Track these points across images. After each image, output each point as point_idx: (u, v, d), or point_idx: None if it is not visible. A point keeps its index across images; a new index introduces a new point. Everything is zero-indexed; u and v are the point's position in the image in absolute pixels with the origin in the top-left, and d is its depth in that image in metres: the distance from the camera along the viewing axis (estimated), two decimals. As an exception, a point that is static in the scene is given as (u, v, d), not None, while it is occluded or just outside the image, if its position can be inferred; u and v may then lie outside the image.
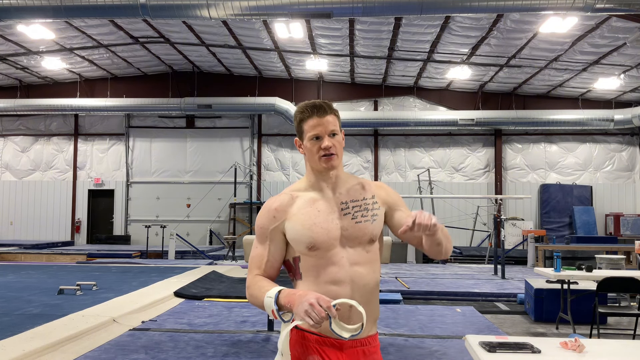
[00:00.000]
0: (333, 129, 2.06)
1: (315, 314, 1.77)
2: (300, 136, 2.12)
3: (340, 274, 2.01)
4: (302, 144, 2.11)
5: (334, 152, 2.05)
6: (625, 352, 2.83)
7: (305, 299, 1.81)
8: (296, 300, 1.84)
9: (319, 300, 1.80)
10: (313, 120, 2.06)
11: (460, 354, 5.41)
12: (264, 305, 1.95)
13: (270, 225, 2.08)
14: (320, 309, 1.78)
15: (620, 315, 7.41)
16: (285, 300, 1.89)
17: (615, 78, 15.99)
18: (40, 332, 5.74)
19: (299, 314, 1.81)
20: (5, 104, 18.50)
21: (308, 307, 1.78)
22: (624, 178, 18.81)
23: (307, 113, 2.07)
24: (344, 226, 2.05)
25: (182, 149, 19.94)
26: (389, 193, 2.21)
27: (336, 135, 2.08)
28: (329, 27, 13.87)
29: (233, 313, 7.62)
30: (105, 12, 10.31)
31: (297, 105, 2.15)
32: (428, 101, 19.14)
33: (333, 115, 2.08)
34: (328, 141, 2.05)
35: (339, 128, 2.10)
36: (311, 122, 2.06)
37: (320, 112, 2.06)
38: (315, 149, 2.06)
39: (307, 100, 2.13)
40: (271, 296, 1.92)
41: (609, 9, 9.61)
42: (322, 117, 2.05)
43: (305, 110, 2.08)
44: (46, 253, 16.12)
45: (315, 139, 2.06)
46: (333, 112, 2.09)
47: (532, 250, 14.86)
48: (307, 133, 2.07)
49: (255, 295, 2.02)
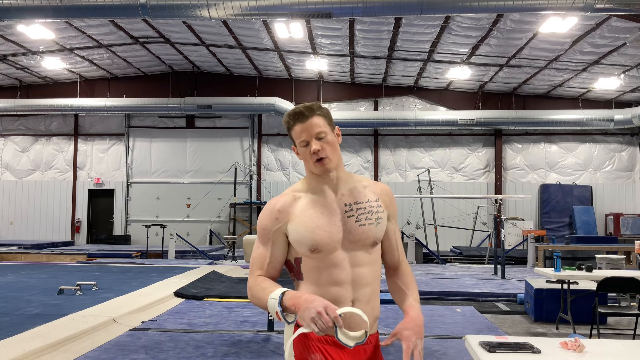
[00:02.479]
0: (319, 131, 2.03)
1: (322, 322, 1.77)
2: (294, 144, 2.12)
3: (342, 276, 2.00)
4: (298, 150, 2.11)
5: (323, 156, 2.02)
6: (625, 352, 2.82)
7: (313, 305, 1.81)
8: (302, 305, 1.84)
9: (327, 309, 1.79)
10: (297, 126, 2.04)
11: (460, 354, 5.41)
12: (268, 306, 1.94)
13: (272, 226, 2.07)
14: (328, 318, 1.78)
15: (620, 315, 7.41)
16: (290, 303, 1.88)
17: (615, 78, 15.99)
18: (40, 332, 5.74)
19: (305, 320, 1.81)
20: (5, 104, 18.51)
21: (315, 315, 1.78)
22: (624, 178, 18.81)
23: (291, 121, 2.06)
24: (347, 229, 2.04)
25: (182, 149, 19.94)
26: (391, 201, 2.21)
27: (324, 137, 2.04)
28: (329, 27, 13.87)
29: (233, 313, 7.62)
30: (105, 12, 10.31)
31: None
32: (428, 101, 19.14)
33: (318, 116, 2.04)
34: (316, 144, 2.02)
35: (328, 128, 2.05)
36: (297, 129, 2.05)
37: (302, 118, 2.03)
38: (307, 155, 2.05)
39: (304, 103, 2.12)
40: (275, 298, 1.91)
41: (609, 9, 9.61)
42: (305, 122, 2.03)
43: (289, 119, 2.07)
44: (46, 253, 16.11)
45: (305, 145, 2.05)
46: (317, 114, 2.05)
47: (532, 250, 14.86)
48: (296, 140, 2.07)
49: (258, 297, 2.01)
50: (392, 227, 2.19)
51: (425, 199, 18.17)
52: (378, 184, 2.22)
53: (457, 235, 18.60)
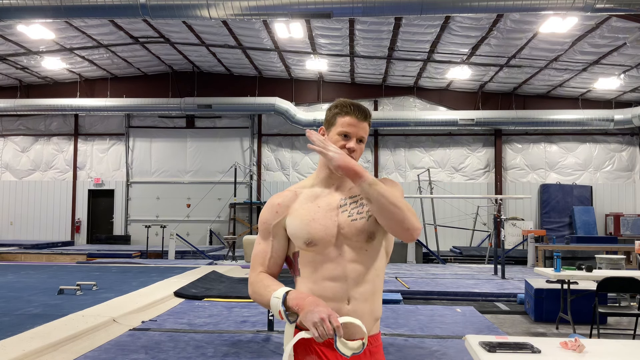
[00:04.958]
0: (363, 135, 2.09)
1: (323, 329, 1.78)
2: (328, 126, 2.12)
3: (337, 271, 2.00)
4: (327, 135, 2.11)
5: (354, 157, 2.06)
6: (625, 352, 2.82)
7: (317, 310, 1.81)
8: (306, 307, 1.84)
9: (330, 317, 1.80)
10: (351, 118, 2.07)
11: (460, 354, 5.41)
12: (270, 304, 1.95)
13: (273, 220, 2.09)
14: (330, 326, 1.78)
15: (620, 315, 7.42)
16: (293, 303, 1.89)
17: (615, 78, 15.99)
18: (40, 332, 5.74)
19: (307, 323, 1.81)
20: (5, 104, 18.50)
21: (318, 320, 1.79)
22: (624, 178, 18.81)
23: (347, 109, 2.08)
24: (341, 224, 2.03)
25: (182, 149, 19.94)
26: (392, 187, 2.15)
27: (362, 142, 2.10)
28: (329, 27, 13.87)
29: (233, 313, 7.62)
30: (105, 12, 10.32)
31: (339, 99, 2.15)
32: (428, 101, 19.14)
33: (368, 124, 2.11)
34: (354, 144, 2.06)
35: (366, 138, 2.12)
36: (347, 119, 2.06)
37: (361, 116, 2.08)
38: (338, 146, 2.06)
39: (343, 99, 2.13)
40: (279, 297, 1.91)
41: (609, 9, 9.61)
42: (361, 121, 2.08)
43: (348, 107, 2.08)
44: (46, 253, 16.11)
45: (344, 137, 2.07)
46: (369, 120, 2.11)
47: (532, 250, 14.86)
48: (338, 128, 2.07)
49: (260, 293, 2.01)
50: None
51: (425, 199, 18.17)
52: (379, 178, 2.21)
53: (457, 235, 18.60)
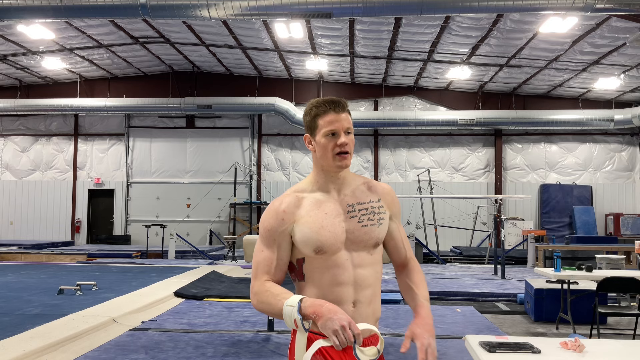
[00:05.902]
0: (348, 126, 2.02)
1: (344, 337, 1.76)
2: (311, 132, 2.05)
3: (344, 277, 1.99)
4: (314, 140, 2.05)
5: (348, 150, 2.02)
6: (625, 352, 2.82)
7: (337, 317, 1.79)
8: (325, 314, 1.81)
9: (351, 324, 1.79)
10: (330, 115, 2.01)
11: (460, 354, 5.41)
12: (283, 313, 1.88)
13: (279, 227, 2.02)
14: (350, 334, 1.77)
15: (620, 315, 7.41)
16: (310, 311, 1.84)
17: (615, 78, 15.99)
18: (40, 332, 5.74)
19: (326, 331, 1.79)
20: (5, 104, 18.51)
21: (339, 328, 1.77)
22: (624, 178, 18.81)
23: (324, 108, 2.02)
24: (349, 229, 2.02)
25: (182, 149, 19.94)
26: (394, 201, 2.18)
27: (350, 133, 2.04)
28: (329, 27, 13.87)
29: (233, 313, 7.62)
30: (105, 12, 10.31)
31: (310, 101, 2.09)
32: (428, 101, 19.14)
33: (348, 113, 2.04)
34: (345, 138, 2.01)
35: (352, 127, 2.06)
36: (328, 118, 2.01)
37: (338, 108, 2.02)
38: (330, 146, 2.01)
39: (323, 98, 2.08)
40: (293, 305, 1.86)
41: (609, 9, 9.60)
42: (340, 114, 2.01)
43: (323, 105, 2.03)
44: (46, 253, 16.12)
45: (332, 135, 2.01)
46: (348, 111, 2.06)
47: (532, 250, 14.86)
48: (323, 128, 2.01)
49: (268, 302, 1.94)
50: (395, 226, 2.18)
51: (425, 199, 18.17)
52: (380, 184, 2.20)
53: (457, 235, 18.60)
